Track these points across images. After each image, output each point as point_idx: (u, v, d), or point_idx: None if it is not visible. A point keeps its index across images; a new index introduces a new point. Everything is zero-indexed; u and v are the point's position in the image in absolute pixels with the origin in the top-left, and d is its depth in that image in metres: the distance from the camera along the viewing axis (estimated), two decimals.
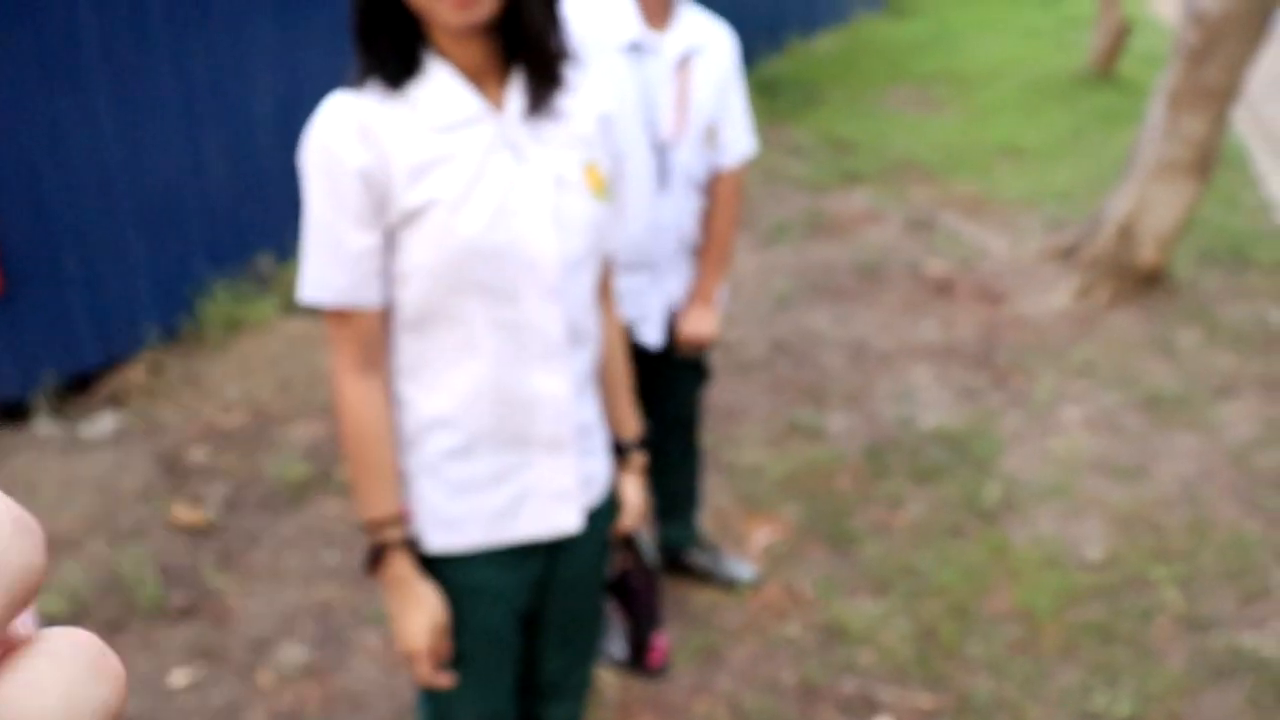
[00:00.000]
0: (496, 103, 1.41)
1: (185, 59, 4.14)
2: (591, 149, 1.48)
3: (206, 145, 4.27)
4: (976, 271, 5.18)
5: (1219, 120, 4.56)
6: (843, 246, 5.51)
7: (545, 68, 1.40)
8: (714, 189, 2.46)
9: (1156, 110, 4.74)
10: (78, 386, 3.82)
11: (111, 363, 3.93)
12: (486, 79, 1.41)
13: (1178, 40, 4.65)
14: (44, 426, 3.60)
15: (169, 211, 4.14)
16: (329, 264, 1.38)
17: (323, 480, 3.38)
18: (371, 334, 1.43)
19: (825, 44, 11.96)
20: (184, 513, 3.16)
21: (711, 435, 3.55)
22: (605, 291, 1.66)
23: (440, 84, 1.37)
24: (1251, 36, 4.38)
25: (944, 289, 4.95)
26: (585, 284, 1.50)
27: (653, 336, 2.45)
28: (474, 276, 1.38)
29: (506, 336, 1.43)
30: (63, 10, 3.62)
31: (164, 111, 4.06)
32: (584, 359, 1.54)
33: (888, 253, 5.41)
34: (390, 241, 1.39)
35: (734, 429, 3.72)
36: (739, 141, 2.45)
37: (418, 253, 1.37)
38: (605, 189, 1.49)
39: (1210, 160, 4.64)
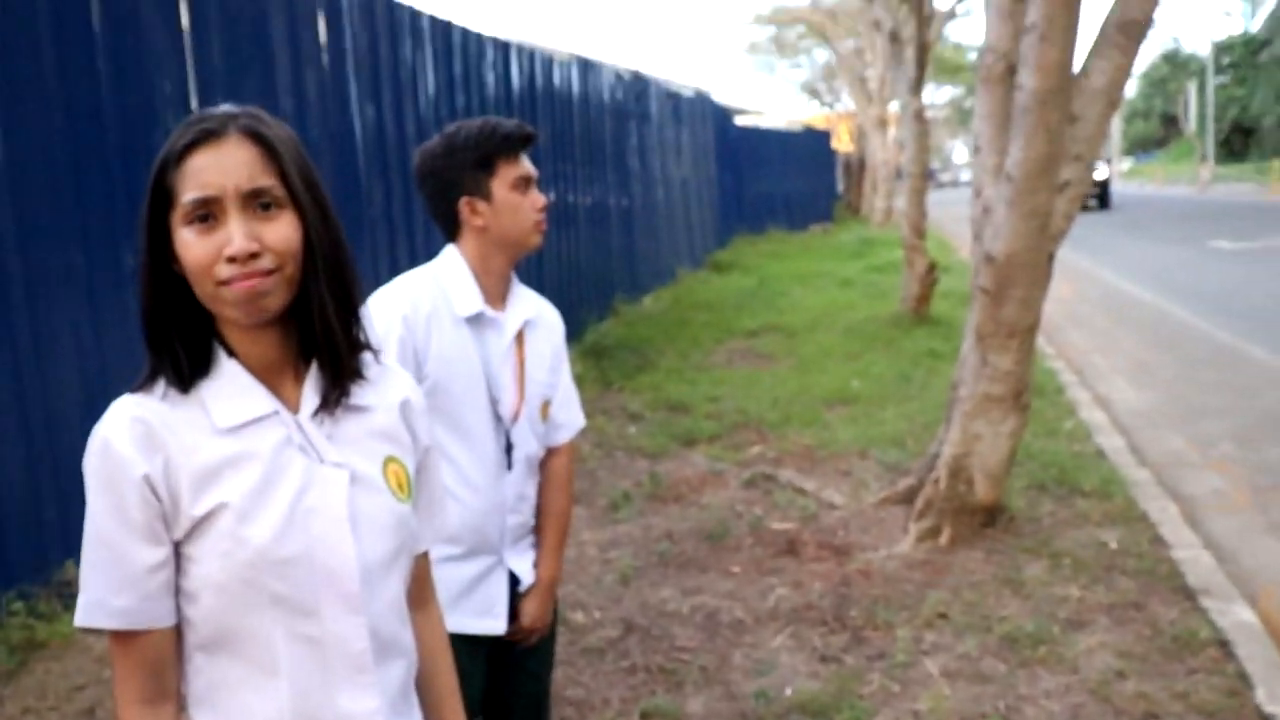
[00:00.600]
0: (291, 400, 1.33)
1: None
2: (392, 444, 1.40)
3: (1, 439, 3.97)
4: (820, 525, 5.16)
5: (1025, 354, 4.76)
6: (685, 513, 5.44)
7: (340, 363, 1.34)
8: (547, 466, 2.40)
9: (967, 349, 4.93)
10: None
11: None
12: (280, 375, 1.34)
13: (973, 282, 4.90)
14: None
15: None
16: (110, 584, 1.24)
17: None
18: (161, 659, 1.28)
19: (652, 304, 12.37)
20: None
21: None
22: (422, 593, 1.53)
23: (231, 382, 1.30)
24: (1038, 277, 4.64)
25: (790, 547, 4.89)
26: (393, 590, 1.38)
27: (500, 626, 2.29)
28: (268, 589, 1.26)
29: (308, 654, 1.29)
30: None
31: None
32: (397, 672, 1.40)
33: (730, 515, 5.36)
34: (178, 555, 1.26)
35: None
36: (570, 416, 2.43)
37: (206, 565, 1.25)
38: (408, 487, 1.41)
39: (1023, 393, 4.81)
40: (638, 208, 12.66)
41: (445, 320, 2.18)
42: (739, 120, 25.01)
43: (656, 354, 9.46)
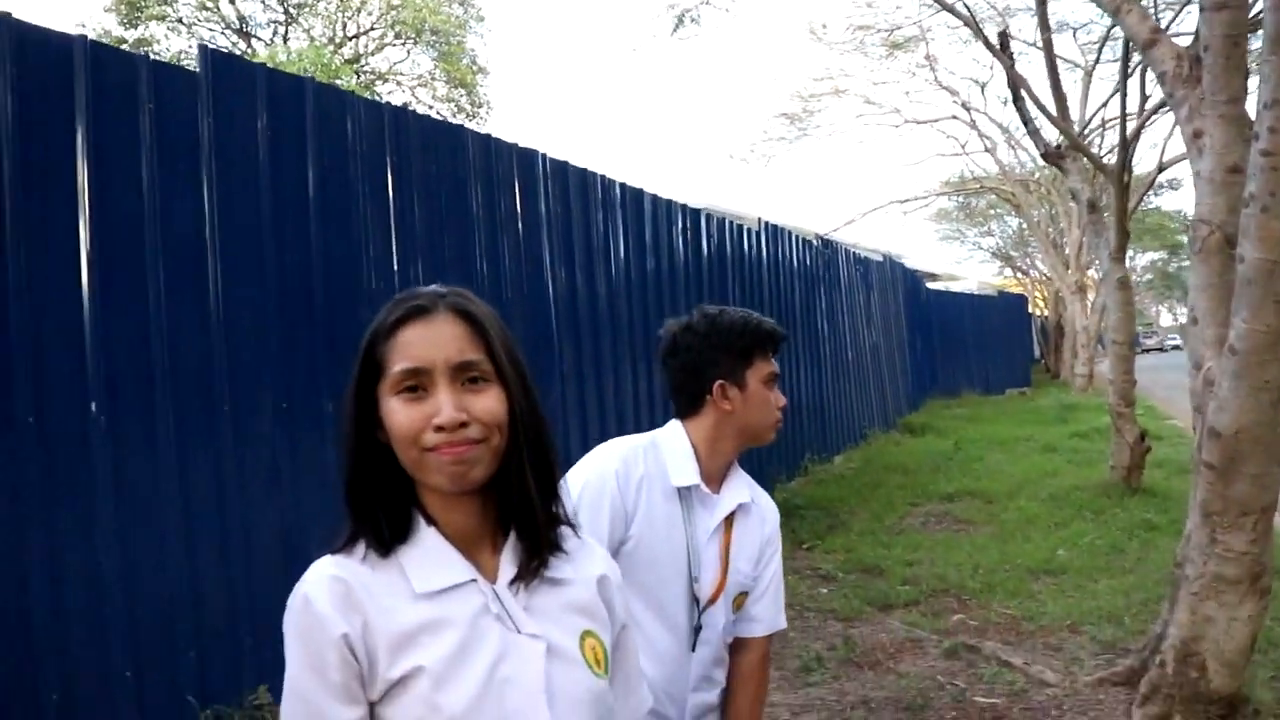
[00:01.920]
0: (488, 569, 1.33)
1: (191, 472, 4.03)
2: (589, 619, 1.38)
3: (204, 567, 4.05)
4: (1030, 703, 4.74)
5: (1263, 534, 4.30)
6: (881, 680, 5.11)
7: (538, 534, 1.34)
8: (737, 661, 2.28)
9: (1192, 525, 4.51)
10: None
11: None
12: (479, 545, 1.34)
13: (1196, 457, 4.50)
14: None
15: (162, 636, 3.84)
16: None
17: None
18: None
19: (842, 464, 12.08)
20: None
21: None
22: None
23: (429, 549, 1.30)
24: (1274, 454, 4.21)
25: None
26: None
27: None
28: None
29: None
30: (76, 413, 3.62)
31: (164, 528, 3.89)
32: None
33: (931, 686, 5.00)
34: (373, 716, 1.23)
35: None
36: (769, 614, 2.30)
37: None
38: (604, 662, 1.37)
39: (1263, 575, 4.33)
40: (827, 370, 12.52)
41: (657, 488, 2.17)
42: (931, 285, 24.73)
43: (848, 515, 9.15)
